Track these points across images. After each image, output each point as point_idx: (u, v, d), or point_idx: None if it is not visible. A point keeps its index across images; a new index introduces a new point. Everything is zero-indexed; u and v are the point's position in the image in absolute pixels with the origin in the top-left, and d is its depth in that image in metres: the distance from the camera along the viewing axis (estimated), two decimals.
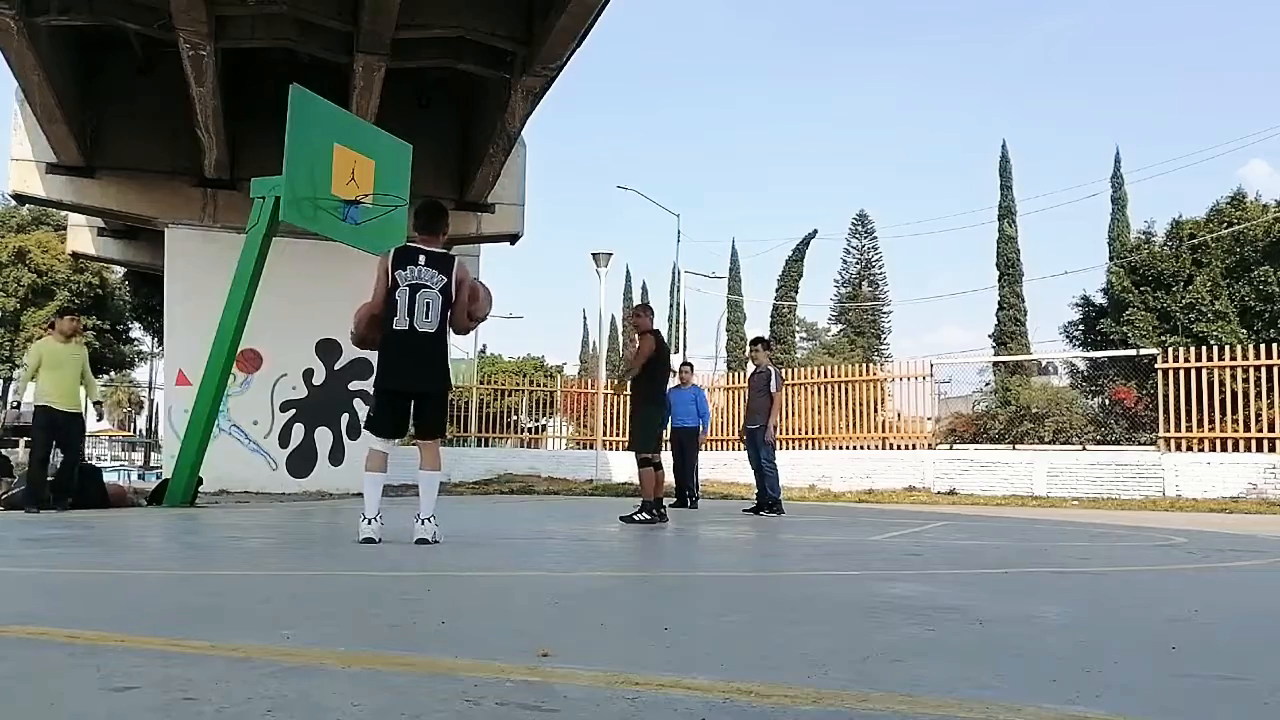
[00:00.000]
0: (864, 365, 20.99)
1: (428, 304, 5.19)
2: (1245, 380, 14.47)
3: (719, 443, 19.26)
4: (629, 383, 8.48)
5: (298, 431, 14.63)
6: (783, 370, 17.26)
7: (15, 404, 8.72)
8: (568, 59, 11.79)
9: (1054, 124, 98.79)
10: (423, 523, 5.18)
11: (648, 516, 7.64)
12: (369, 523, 5.14)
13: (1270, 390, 14.06)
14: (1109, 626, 2.91)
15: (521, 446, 21.13)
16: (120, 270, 29.15)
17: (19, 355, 32.85)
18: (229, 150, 13.69)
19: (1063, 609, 3.29)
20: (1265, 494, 13.19)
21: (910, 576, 4.29)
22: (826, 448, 17.69)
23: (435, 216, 5.52)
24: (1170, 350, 15.69)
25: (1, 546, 5.23)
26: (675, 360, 12.63)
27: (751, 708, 1.70)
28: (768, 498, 9.79)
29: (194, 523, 7.44)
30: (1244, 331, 21.71)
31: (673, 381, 11.93)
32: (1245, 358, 14.59)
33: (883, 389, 18.35)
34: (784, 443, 16.23)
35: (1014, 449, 16.36)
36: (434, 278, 5.23)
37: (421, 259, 5.27)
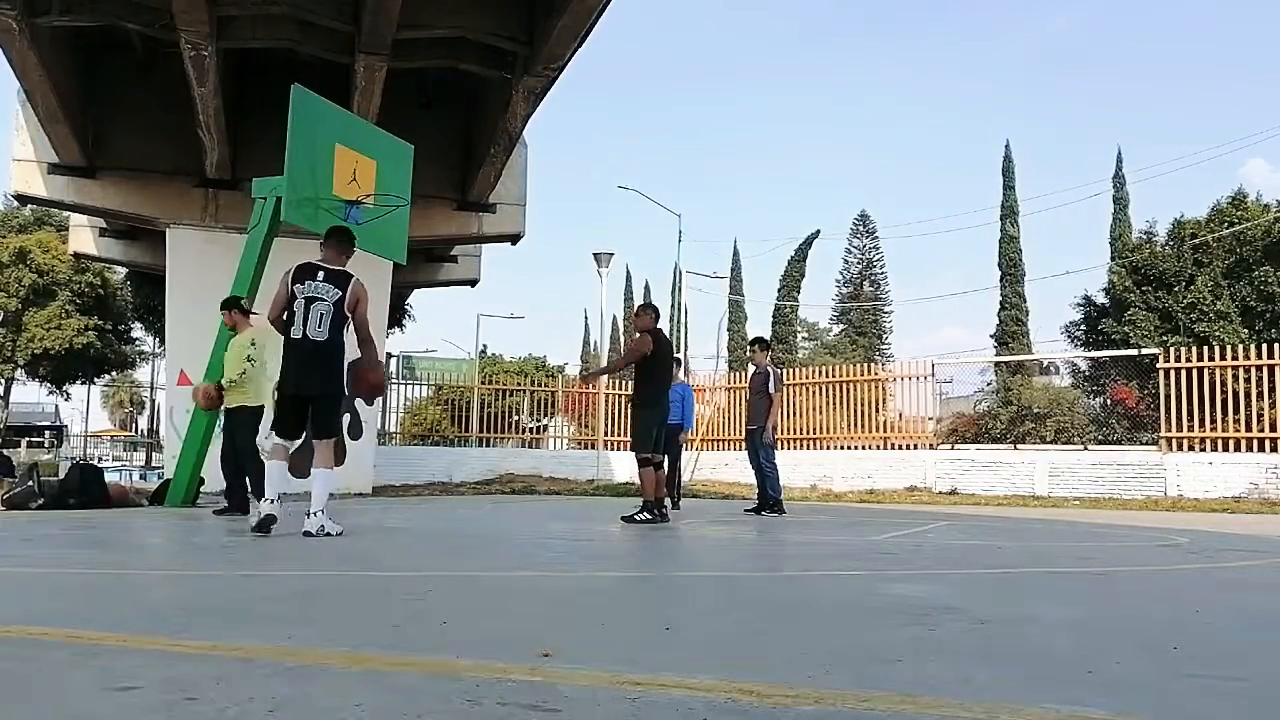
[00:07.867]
0: (865, 365, 20.96)
1: (320, 314, 5.73)
2: (1247, 380, 14.45)
3: (720, 443, 19.26)
4: (632, 383, 8.47)
5: None
6: (784, 370, 17.27)
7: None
8: (569, 59, 11.78)
9: (1057, 124, 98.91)
10: (311, 516, 5.71)
11: (649, 516, 7.64)
12: (270, 503, 5.86)
13: (1272, 390, 14.04)
14: (1109, 626, 2.91)
15: (523, 446, 21.12)
16: (122, 270, 29.13)
17: (20, 355, 32.83)
18: (230, 150, 13.68)
19: (1063, 609, 3.29)
20: (1267, 494, 13.18)
21: (911, 576, 4.28)
22: (828, 448, 17.67)
23: (345, 240, 6.13)
24: (1172, 350, 15.67)
25: (2, 546, 5.23)
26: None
27: (753, 708, 1.71)
28: (769, 498, 9.78)
29: (195, 523, 7.45)
30: (1245, 331, 21.68)
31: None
32: (1247, 357, 14.58)
33: (884, 389, 18.33)
34: (785, 443, 16.23)
35: (1015, 449, 16.35)
36: (329, 291, 5.77)
37: (320, 275, 5.82)
